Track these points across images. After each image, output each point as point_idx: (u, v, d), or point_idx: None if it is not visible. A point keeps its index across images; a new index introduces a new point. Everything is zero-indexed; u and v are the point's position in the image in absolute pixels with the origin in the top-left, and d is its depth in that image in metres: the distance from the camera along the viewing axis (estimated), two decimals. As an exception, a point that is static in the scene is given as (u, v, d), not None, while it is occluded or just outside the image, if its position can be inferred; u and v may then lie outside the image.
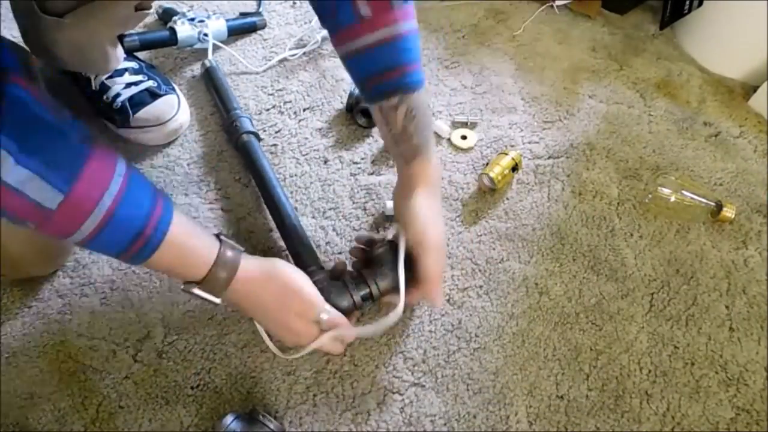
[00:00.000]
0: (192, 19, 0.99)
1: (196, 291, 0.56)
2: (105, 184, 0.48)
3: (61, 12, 0.69)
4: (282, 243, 0.78)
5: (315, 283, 0.69)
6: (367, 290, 0.67)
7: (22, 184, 0.44)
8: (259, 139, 0.88)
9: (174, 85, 0.91)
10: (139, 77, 0.86)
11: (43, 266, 0.71)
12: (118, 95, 0.84)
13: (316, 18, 1.08)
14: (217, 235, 0.58)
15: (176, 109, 0.87)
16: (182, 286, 0.57)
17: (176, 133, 0.89)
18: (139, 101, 0.85)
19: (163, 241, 0.52)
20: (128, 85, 0.85)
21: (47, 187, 0.45)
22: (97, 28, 0.75)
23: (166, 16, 1.03)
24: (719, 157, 0.96)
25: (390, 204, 0.82)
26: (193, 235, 0.56)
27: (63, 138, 0.46)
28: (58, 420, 0.63)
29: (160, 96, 0.86)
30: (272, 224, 0.80)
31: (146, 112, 0.84)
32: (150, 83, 0.86)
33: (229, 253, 0.57)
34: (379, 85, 0.64)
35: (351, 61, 0.64)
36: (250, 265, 0.59)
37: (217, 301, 0.58)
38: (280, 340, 0.66)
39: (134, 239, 0.51)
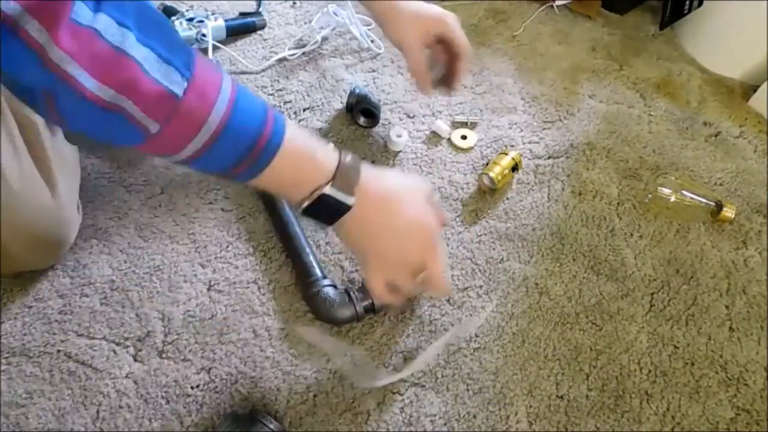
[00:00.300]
0: (191, 19, 0.99)
1: (327, 190, 0.50)
2: (218, 81, 0.44)
3: None
4: (283, 245, 0.78)
5: (318, 292, 0.70)
6: (370, 301, 0.70)
7: (149, 63, 0.39)
8: None
9: None
10: None
11: (41, 259, 0.71)
12: None
13: (316, 18, 1.08)
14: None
15: None
16: (308, 198, 0.51)
17: None
18: None
19: (281, 144, 0.48)
20: None
21: (171, 70, 0.41)
22: None
23: (166, 15, 1.03)
24: (719, 157, 0.96)
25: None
26: (309, 139, 0.51)
27: (173, 30, 0.43)
28: (58, 420, 0.63)
29: None
30: (272, 224, 0.80)
31: None
32: None
33: (350, 157, 0.52)
34: None
35: None
36: (374, 169, 0.55)
37: (350, 200, 0.52)
38: (379, 278, 0.59)
39: (254, 142, 0.46)
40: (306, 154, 0.50)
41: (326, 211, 0.52)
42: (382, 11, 0.76)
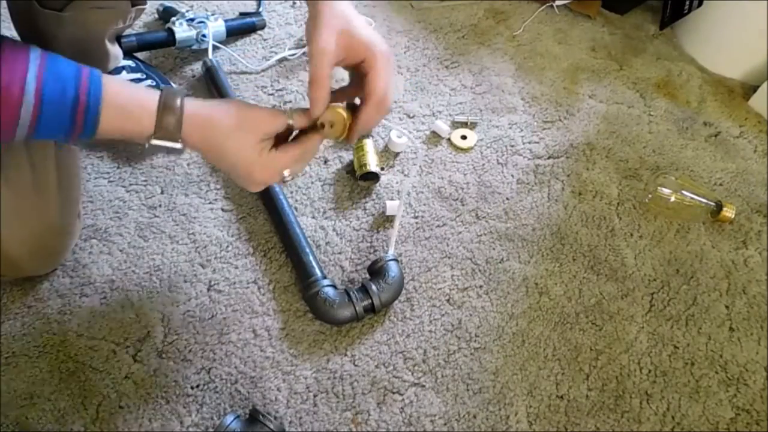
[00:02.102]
0: (191, 20, 0.99)
1: (154, 141, 0.54)
2: (23, 65, 0.47)
3: (60, 6, 0.69)
4: (282, 245, 0.78)
5: (318, 292, 0.70)
6: (369, 301, 0.70)
7: None
8: None
9: (173, 84, 0.91)
10: (137, 75, 0.86)
11: (40, 266, 0.71)
12: None
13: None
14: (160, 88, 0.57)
15: None
16: (146, 144, 0.55)
17: None
18: None
19: (101, 100, 0.51)
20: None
21: None
22: (95, 23, 0.75)
23: (166, 15, 1.03)
24: (719, 157, 0.96)
25: (390, 204, 0.82)
26: (130, 89, 0.55)
27: None
28: (58, 420, 0.63)
29: None
30: (272, 225, 0.80)
31: None
32: (148, 82, 0.86)
33: (172, 97, 0.55)
34: None
35: None
36: (199, 103, 0.57)
37: (177, 146, 0.55)
38: (246, 184, 0.61)
39: (73, 109, 0.50)
40: (127, 111, 0.53)
41: (163, 149, 0.57)
42: (314, 5, 0.60)
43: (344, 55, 0.60)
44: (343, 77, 0.65)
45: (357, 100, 0.63)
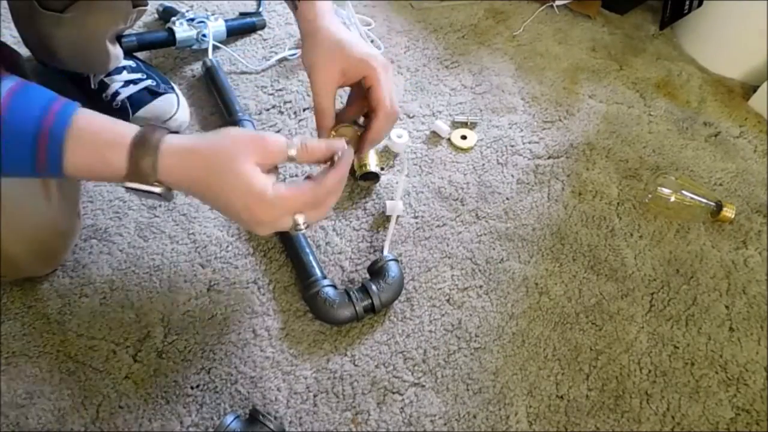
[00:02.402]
0: (191, 20, 0.99)
1: (128, 184, 0.49)
2: None
3: (61, 8, 0.69)
4: (282, 245, 0.78)
5: (318, 293, 0.70)
6: (369, 301, 0.70)
7: None
8: None
9: (173, 84, 0.91)
10: (138, 75, 0.86)
11: (40, 267, 0.71)
12: (117, 93, 0.84)
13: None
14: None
15: (176, 108, 0.87)
16: (125, 186, 0.49)
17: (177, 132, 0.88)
18: (138, 100, 0.85)
19: (66, 133, 0.45)
20: (127, 83, 0.85)
21: None
22: (96, 24, 0.75)
23: (166, 15, 1.03)
24: (719, 157, 0.96)
25: (390, 203, 0.82)
26: (104, 124, 0.48)
27: None
28: (58, 420, 0.63)
29: (160, 95, 0.86)
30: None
31: (146, 111, 0.84)
32: (149, 82, 0.86)
33: (150, 134, 0.48)
34: None
35: None
36: (181, 140, 0.50)
37: (156, 189, 0.49)
38: (252, 226, 0.53)
39: (36, 139, 0.45)
40: (99, 142, 0.48)
41: (141, 193, 0.50)
42: (305, 30, 0.62)
43: (344, 78, 0.60)
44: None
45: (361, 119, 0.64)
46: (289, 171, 0.88)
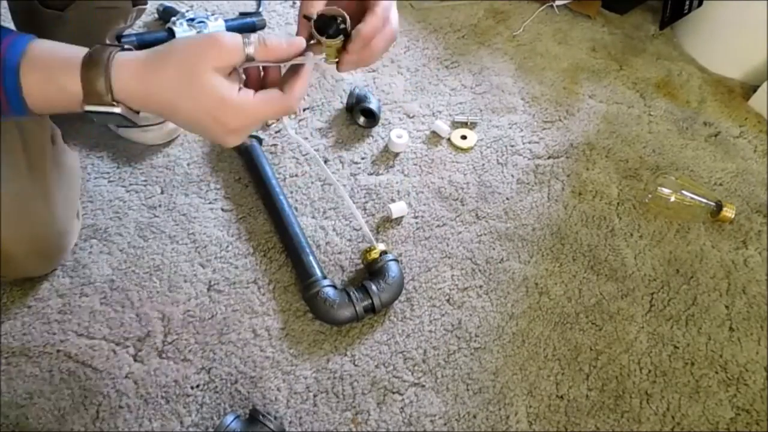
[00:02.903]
0: (191, 20, 0.99)
1: (87, 107, 0.46)
2: None
3: (61, 7, 0.69)
4: (282, 245, 0.78)
5: (318, 293, 0.70)
6: (369, 302, 0.70)
7: None
8: (260, 142, 0.88)
9: None
10: None
11: (40, 266, 0.71)
12: None
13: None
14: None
15: None
16: (84, 110, 0.47)
17: (176, 132, 0.88)
18: None
19: (20, 61, 0.44)
20: None
21: None
22: (97, 23, 0.75)
23: (166, 15, 1.03)
24: (719, 157, 0.96)
25: (394, 206, 0.82)
26: (56, 48, 0.46)
27: None
28: (58, 420, 0.63)
29: None
30: (272, 224, 0.80)
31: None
32: None
33: (100, 53, 0.45)
34: None
35: None
36: (133, 55, 0.47)
37: (116, 110, 0.46)
38: (220, 136, 0.49)
39: None
40: (51, 74, 0.45)
41: (103, 118, 0.47)
42: None
43: None
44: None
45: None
46: (288, 171, 0.88)
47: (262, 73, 0.51)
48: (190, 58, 0.46)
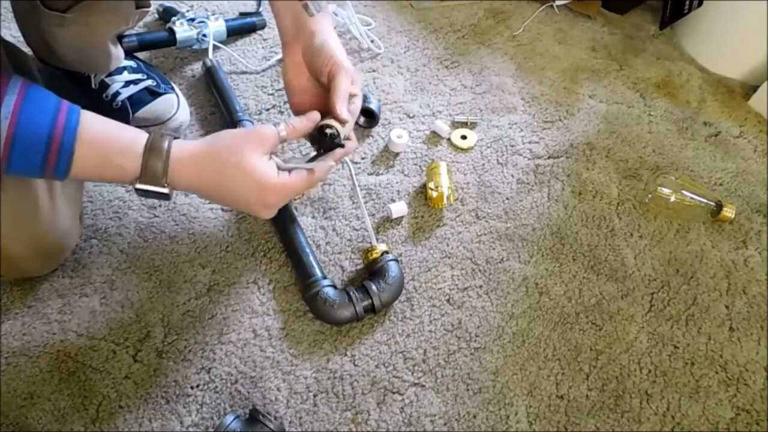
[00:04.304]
0: (191, 20, 0.99)
1: (139, 185, 0.53)
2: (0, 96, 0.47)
3: (64, 8, 0.69)
4: (282, 245, 0.78)
5: (318, 293, 0.70)
6: (369, 302, 0.70)
7: None
8: None
9: (173, 84, 0.91)
10: (138, 75, 0.86)
11: (41, 266, 0.71)
12: (117, 94, 0.84)
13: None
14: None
15: (176, 108, 0.86)
16: (135, 187, 0.54)
17: (176, 132, 0.88)
18: (138, 100, 0.85)
19: (76, 138, 0.49)
20: (127, 83, 0.85)
21: None
22: (98, 25, 0.75)
23: (167, 15, 1.03)
24: (719, 157, 0.96)
25: (393, 207, 0.82)
26: (112, 132, 0.53)
27: None
28: (58, 420, 0.63)
29: (160, 95, 0.86)
30: (273, 224, 0.80)
31: (146, 111, 0.84)
32: (149, 82, 0.86)
33: (158, 140, 0.53)
34: None
35: None
36: (187, 146, 0.55)
37: (165, 191, 0.54)
38: (258, 209, 0.60)
39: (48, 144, 0.48)
40: (107, 147, 0.52)
41: (150, 195, 0.55)
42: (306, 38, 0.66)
43: (310, 66, 0.66)
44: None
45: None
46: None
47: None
48: (239, 145, 0.55)
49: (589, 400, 0.69)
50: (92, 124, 0.51)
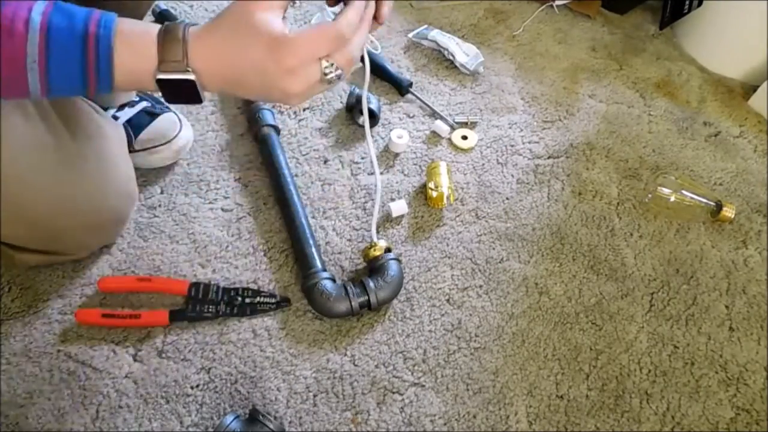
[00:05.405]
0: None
1: (160, 75, 0.50)
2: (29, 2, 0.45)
3: None
4: (284, 240, 0.78)
5: (316, 284, 0.70)
6: (366, 298, 0.71)
7: None
8: (278, 132, 0.88)
9: (166, 105, 0.87)
10: (132, 98, 0.84)
11: (93, 240, 0.73)
12: (115, 118, 0.81)
13: (315, 17, 1.08)
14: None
15: (179, 126, 0.83)
16: (158, 79, 0.50)
17: (184, 149, 0.85)
18: (138, 123, 0.81)
19: (113, 32, 0.47)
20: (122, 106, 0.82)
21: None
22: None
23: (162, 20, 1.03)
24: (719, 157, 0.96)
25: (393, 205, 0.82)
26: (138, 24, 0.50)
27: None
28: (58, 420, 0.63)
29: (157, 115, 0.83)
30: (272, 224, 0.80)
31: (149, 133, 0.81)
32: (144, 103, 0.83)
33: (174, 26, 0.50)
34: None
35: None
36: (197, 26, 0.52)
37: (190, 76, 0.50)
38: (287, 85, 0.52)
39: (84, 41, 0.46)
40: (135, 46, 0.49)
41: (175, 91, 0.52)
42: None
43: None
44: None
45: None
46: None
47: None
48: (239, 10, 0.50)
49: (589, 400, 0.69)
50: (123, 20, 0.49)
